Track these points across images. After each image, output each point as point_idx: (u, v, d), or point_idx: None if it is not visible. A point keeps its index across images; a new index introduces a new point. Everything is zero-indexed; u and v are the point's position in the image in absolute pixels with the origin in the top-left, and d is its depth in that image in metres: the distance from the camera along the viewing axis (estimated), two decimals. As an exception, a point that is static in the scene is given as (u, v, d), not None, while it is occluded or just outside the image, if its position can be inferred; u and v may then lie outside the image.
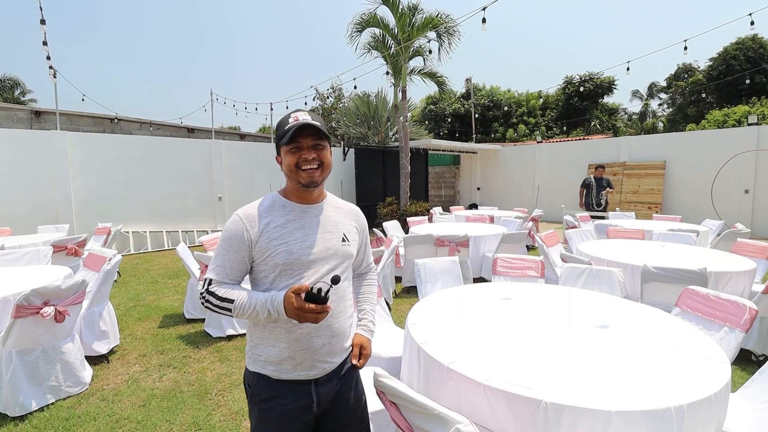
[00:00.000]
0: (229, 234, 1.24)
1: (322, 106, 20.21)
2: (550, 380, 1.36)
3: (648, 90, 31.03)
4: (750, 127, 9.12)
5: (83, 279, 2.78)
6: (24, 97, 22.11)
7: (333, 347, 1.28)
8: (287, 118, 1.24)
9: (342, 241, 1.31)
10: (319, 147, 1.24)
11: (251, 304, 1.17)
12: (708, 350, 1.61)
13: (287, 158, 1.24)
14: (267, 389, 1.25)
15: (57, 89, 8.82)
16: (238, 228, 1.23)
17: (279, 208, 1.27)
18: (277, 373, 1.24)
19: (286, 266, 1.22)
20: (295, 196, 1.30)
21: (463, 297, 2.31)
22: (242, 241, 1.22)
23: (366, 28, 9.67)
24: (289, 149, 1.23)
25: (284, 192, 1.32)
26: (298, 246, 1.23)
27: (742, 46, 20.44)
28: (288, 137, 1.19)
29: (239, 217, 1.24)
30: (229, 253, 1.23)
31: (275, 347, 1.24)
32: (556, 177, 12.77)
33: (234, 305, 1.18)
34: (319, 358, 1.26)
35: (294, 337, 1.23)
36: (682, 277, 2.91)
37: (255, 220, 1.24)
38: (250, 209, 1.26)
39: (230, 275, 1.24)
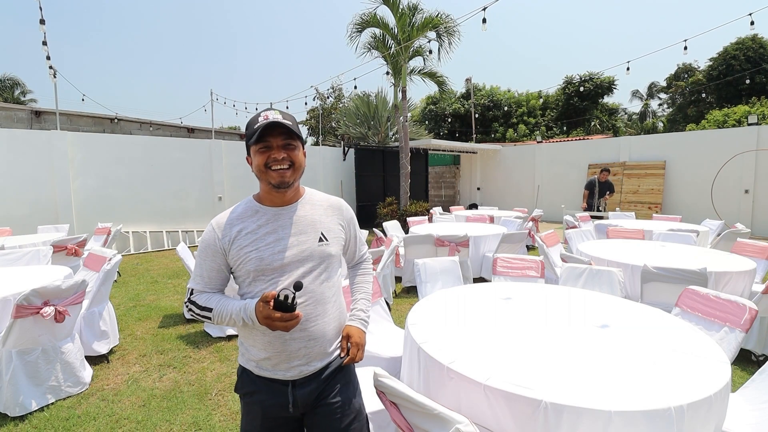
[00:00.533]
0: (204, 244, 1.26)
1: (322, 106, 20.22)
2: (550, 380, 1.36)
3: (648, 90, 31.04)
4: (750, 127, 9.12)
5: (83, 279, 2.78)
6: (24, 97, 22.12)
7: (310, 351, 1.25)
8: (257, 117, 1.20)
9: (319, 241, 1.27)
10: (289, 147, 1.21)
11: (228, 312, 1.19)
12: (708, 350, 1.61)
13: (256, 158, 1.20)
14: (249, 383, 1.28)
15: (57, 89, 8.82)
16: (210, 237, 1.24)
17: (251, 214, 1.25)
18: (258, 370, 1.26)
19: (258, 272, 1.21)
20: (268, 200, 1.27)
21: (463, 297, 2.31)
22: (216, 250, 1.23)
23: (366, 28, 9.67)
24: (258, 149, 1.19)
25: (258, 196, 1.29)
26: (269, 251, 1.20)
27: (742, 46, 20.44)
28: (257, 136, 1.16)
29: (212, 227, 1.25)
30: (205, 262, 1.25)
31: (254, 346, 1.25)
32: (556, 177, 12.77)
33: (212, 313, 1.20)
34: (294, 361, 1.24)
35: (268, 340, 1.22)
36: (682, 277, 2.91)
37: (226, 228, 1.23)
38: (222, 218, 1.26)
39: (209, 284, 1.26)
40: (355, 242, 1.47)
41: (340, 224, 1.36)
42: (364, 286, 1.50)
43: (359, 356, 1.33)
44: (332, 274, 1.32)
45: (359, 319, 1.39)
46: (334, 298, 1.31)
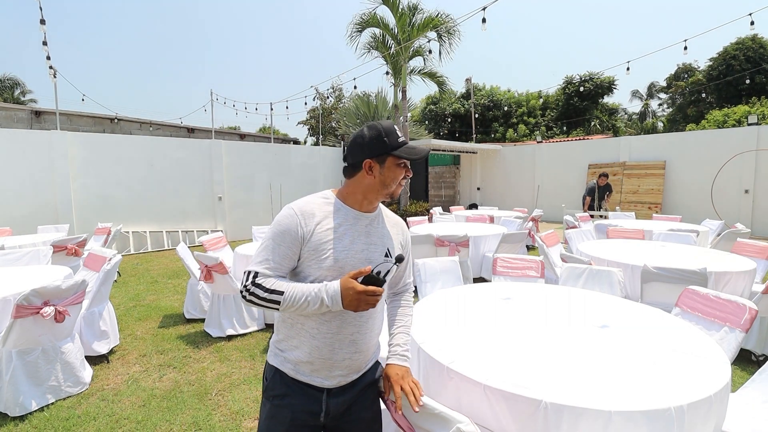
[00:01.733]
0: (283, 228, 1.17)
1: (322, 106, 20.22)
2: (550, 380, 1.36)
3: (648, 90, 31.05)
4: (750, 127, 9.12)
5: (83, 279, 2.78)
6: (24, 97, 22.13)
7: (354, 362, 1.24)
8: (393, 129, 1.22)
9: (384, 255, 1.26)
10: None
11: (303, 294, 1.12)
12: (708, 350, 1.61)
13: (395, 171, 1.22)
14: (281, 386, 1.24)
15: (57, 89, 8.83)
16: (291, 222, 1.17)
17: (332, 210, 1.23)
18: (293, 373, 1.23)
19: (330, 271, 1.18)
20: (356, 202, 1.25)
21: (463, 297, 2.31)
22: (295, 237, 1.17)
23: (366, 28, 9.68)
24: (401, 163, 1.22)
25: (341, 194, 1.26)
26: (344, 253, 1.19)
27: (742, 46, 20.45)
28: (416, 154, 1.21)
29: (294, 212, 1.18)
30: (280, 247, 1.17)
31: (297, 348, 1.22)
32: (556, 177, 12.77)
33: (284, 296, 1.12)
34: (336, 370, 1.22)
35: (316, 344, 1.20)
36: (682, 277, 2.91)
37: (310, 216, 1.19)
38: (305, 205, 1.21)
39: (277, 270, 1.17)
40: (405, 267, 1.43)
41: (401, 243, 1.36)
42: (405, 319, 1.42)
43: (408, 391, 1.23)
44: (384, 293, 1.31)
45: (398, 355, 1.32)
46: (381, 313, 1.32)
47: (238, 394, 2.75)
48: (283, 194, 10.38)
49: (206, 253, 3.76)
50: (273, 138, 17.28)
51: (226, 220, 9.54)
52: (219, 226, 9.43)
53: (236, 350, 3.45)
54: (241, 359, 3.28)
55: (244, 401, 2.66)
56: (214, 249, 4.75)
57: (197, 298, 4.16)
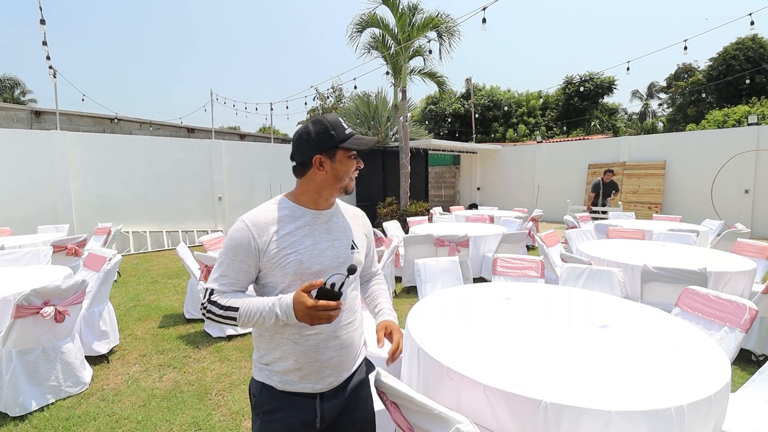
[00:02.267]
0: (235, 242, 1.14)
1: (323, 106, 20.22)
2: (550, 380, 1.36)
3: (648, 90, 31.05)
4: (750, 127, 9.12)
5: (83, 279, 2.78)
6: (24, 97, 22.13)
7: (342, 359, 1.23)
8: (339, 121, 1.21)
9: (351, 249, 1.26)
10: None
11: (257, 309, 1.09)
12: (708, 350, 1.61)
13: (347, 163, 1.21)
14: (271, 400, 1.20)
15: (57, 89, 8.84)
16: (243, 236, 1.14)
17: (288, 214, 1.19)
18: (282, 384, 1.19)
19: (296, 277, 1.15)
20: (310, 202, 1.22)
21: (463, 297, 2.31)
22: (249, 251, 1.14)
23: (366, 28, 9.67)
24: (351, 155, 1.21)
25: (294, 196, 1.24)
26: (308, 255, 1.16)
27: (742, 46, 20.44)
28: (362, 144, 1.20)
29: (245, 225, 1.15)
30: (234, 262, 1.15)
31: (281, 359, 1.19)
32: (556, 177, 12.78)
33: (239, 313, 1.10)
34: (326, 371, 1.21)
35: (301, 350, 1.17)
36: (682, 277, 2.91)
37: (263, 227, 1.15)
38: (257, 216, 1.17)
39: (234, 285, 1.16)
40: (373, 254, 1.48)
41: (364, 234, 1.37)
42: (382, 287, 1.49)
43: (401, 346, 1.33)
44: (359, 283, 1.35)
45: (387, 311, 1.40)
46: (357, 305, 1.31)
47: (238, 394, 2.75)
48: (283, 194, 10.37)
49: (206, 253, 3.77)
50: (273, 138, 17.28)
51: (226, 220, 9.54)
52: (219, 226, 9.43)
53: (236, 350, 3.45)
54: (241, 359, 3.28)
55: (244, 401, 2.66)
56: (214, 249, 4.75)
57: (197, 298, 4.16)
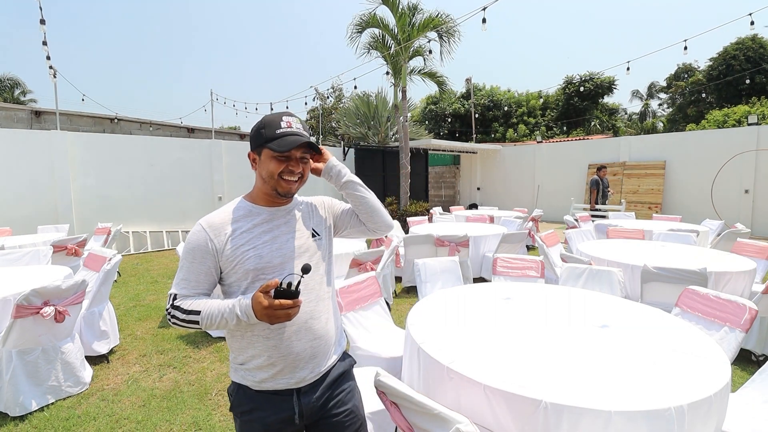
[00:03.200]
0: (192, 245, 1.16)
1: (322, 106, 20.23)
2: (550, 380, 1.36)
3: (648, 90, 31.05)
4: (750, 127, 9.12)
5: (83, 279, 2.78)
6: (24, 97, 22.12)
7: (315, 351, 1.21)
8: (278, 120, 1.17)
9: (312, 237, 1.26)
10: (304, 161, 1.22)
11: (219, 311, 1.09)
12: (708, 350, 1.61)
13: (271, 164, 1.17)
14: (247, 401, 1.20)
15: (57, 89, 8.83)
16: (200, 238, 1.16)
17: (245, 214, 1.21)
18: (257, 384, 1.19)
19: (257, 272, 1.15)
20: (264, 200, 1.24)
21: (463, 297, 2.31)
22: (206, 252, 1.15)
23: (366, 29, 9.67)
24: (276, 156, 1.16)
25: (251, 196, 1.26)
26: (267, 249, 1.17)
27: (742, 46, 20.43)
28: (286, 146, 1.14)
29: (201, 227, 1.17)
30: (193, 265, 1.16)
31: (254, 357, 1.18)
32: (556, 177, 12.78)
33: (201, 316, 1.10)
34: (300, 364, 1.18)
35: (273, 344, 1.16)
36: (682, 277, 2.91)
37: (218, 228, 1.17)
38: (213, 217, 1.20)
39: (197, 288, 1.16)
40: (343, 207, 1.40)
41: (324, 213, 1.35)
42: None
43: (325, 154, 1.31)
44: (328, 271, 1.31)
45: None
46: (330, 294, 1.30)
47: (238, 394, 2.75)
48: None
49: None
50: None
51: (226, 220, 9.53)
52: (219, 226, 9.42)
53: (236, 350, 3.45)
54: (241, 359, 3.28)
55: (244, 401, 2.66)
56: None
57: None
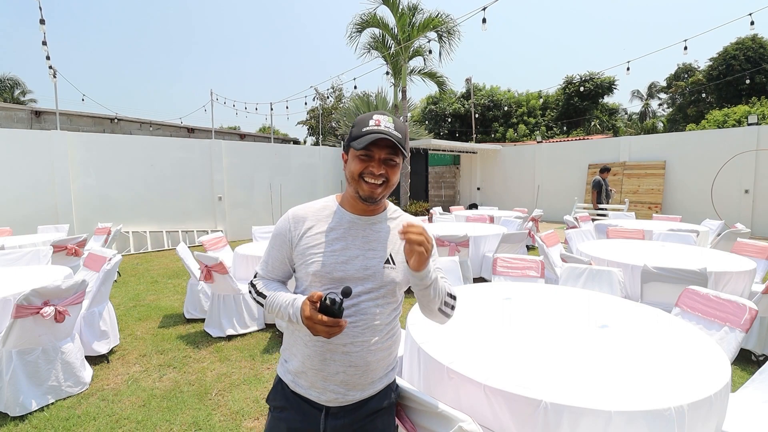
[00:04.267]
0: (276, 231, 1.21)
1: (322, 106, 20.23)
2: (550, 380, 1.36)
3: (648, 90, 31.07)
4: (750, 127, 9.12)
5: (83, 279, 2.78)
6: (24, 97, 22.13)
7: (349, 378, 1.12)
8: (368, 118, 1.11)
9: (385, 263, 1.14)
10: (390, 163, 1.12)
11: (278, 303, 1.12)
12: (708, 350, 1.61)
13: (353, 164, 1.12)
14: (282, 397, 1.20)
15: (57, 89, 8.83)
16: (283, 227, 1.19)
17: (328, 214, 1.18)
18: (293, 384, 1.17)
19: (316, 277, 1.13)
20: (349, 204, 1.19)
21: (463, 297, 2.31)
22: (284, 241, 1.18)
23: (366, 28, 9.68)
24: (359, 155, 1.10)
25: (341, 197, 1.22)
26: (333, 259, 1.12)
27: (742, 46, 20.45)
28: (363, 143, 1.06)
29: (288, 216, 1.20)
30: (273, 250, 1.21)
31: (294, 357, 1.18)
32: (556, 177, 12.78)
33: (266, 301, 1.15)
34: (330, 386, 1.12)
35: (307, 353, 1.13)
36: (682, 277, 2.91)
37: (301, 221, 1.17)
38: (299, 209, 1.20)
39: (272, 273, 1.22)
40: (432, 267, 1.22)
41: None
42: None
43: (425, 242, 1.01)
44: (392, 300, 1.19)
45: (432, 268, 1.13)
46: (387, 328, 1.18)
47: (238, 394, 2.75)
48: (283, 194, 10.38)
49: (206, 253, 3.76)
50: (273, 138, 17.28)
51: (226, 220, 9.54)
52: (219, 226, 9.43)
53: (236, 350, 3.45)
54: (241, 359, 3.28)
55: (244, 401, 2.66)
56: (214, 249, 4.74)
57: (197, 298, 4.16)
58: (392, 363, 1.24)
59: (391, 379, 1.24)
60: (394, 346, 1.22)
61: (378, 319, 1.14)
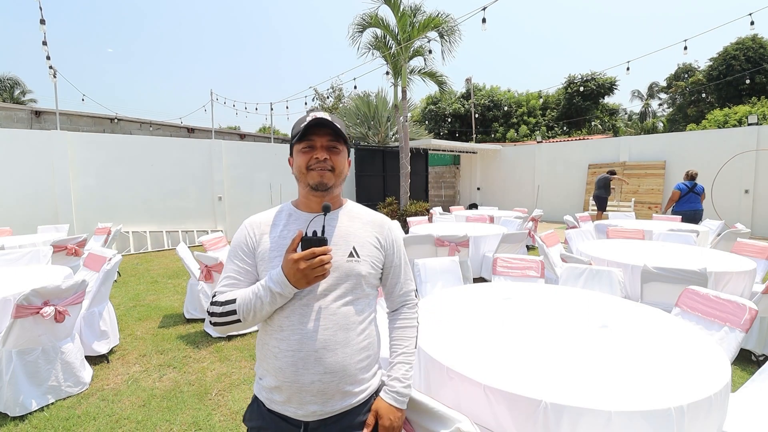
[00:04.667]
0: (235, 242, 1.18)
1: (322, 106, 20.22)
2: (550, 380, 1.36)
3: (648, 90, 31.07)
4: (750, 127, 9.12)
5: (83, 279, 2.78)
6: (24, 97, 22.13)
7: (326, 386, 1.05)
8: (304, 117, 1.15)
9: (348, 256, 1.11)
10: (334, 149, 1.14)
11: (252, 292, 1.04)
12: (708, 350, 1.61)
13: (298, 158, 1.14)
14: (258, 417, 1.14)
15: (57, 89, 8.84)
16: (241, 236, 1.17)
17: (284, 217, 1.17)
18: (268, 402, 1.11)
19: None
20: (304, 204, 1.18)
21: (463, 297, 2.31)
22: (245, 249, 1.15)
23: (367, 28, 9.69)
24: (302, 148, 1.13)
25: (296, 201, 1.23)
26: None
27: (742, 46, 20.44)
28: (301, 133, 1.10)
29: (244, 225, 1.19)
30: (234, 262, 1.15)
31: (266, 374, 1.11)
32: (556, 177, 12.78)
33: (237, 304, 1.05)
34: (307, 397, 1.06)
35: (279, 365, 1.06)
36: (682, 277, 2.90)
37: (257, 226, 1.17)
38: (255, 217, 1.20)
39: (235, 285, 1.12)
40: (397, 271, 1.24)
41: (378, 243, 1.19)
42: (404, 343, 1.22)
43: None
44: (362, 296, 1.14)
45: (393, 392, 1.13)
46: (362, 326, 1.12)
47: (238, 394, 2.75)
48: (283, 194, 10.38)
49: (206, 253, 3.77)
50: (273, 138, 17.28)
51: (226, 220, 9.54)
52: (219, 226, 9.43)
53: (236, 350, 3.45)
54: (241, 359, 3.28)
55: (244, 401, 2.66)
56: (214, 249, 4.75)
57: (197, 298, 4.16)
58: (372, 365, 1.17)
59: (374, 386, 1.17)
60: (372, 347, 1.16)
61: (349, 317, 1.10)
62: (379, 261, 1.19)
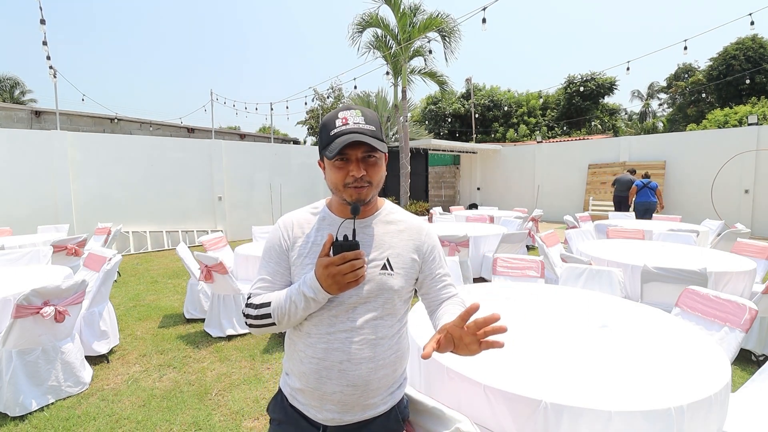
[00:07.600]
0: (269, 243, 1.13)
1: (322, 107, 20.23)
2: (550, 380, 1.36)
3: (648, 90, 31.08)
4: (750, 127, 9.12)
5: (83, 279, 2.78)
6: (24, 97, 22.14)
7: (347, 398, 1.03)
8: (333, 119, 1.01)
9: (381, 269, 1.05)
10: (370, 159, 1.02)
11: (287, 295, 1.01)
12: (708, 350, 1.61)
13: (331, 173, 1.03)
14: (281, 410, 1.14)
15: (57, 89, 8.84)
16: (275, 237, 1.12)
17: (318, 220, 1.11)
18: (291, 398, 1.12)
19: None
20: (337, 209, 1.11)
21: (463, 297, 2.30)
22: (280, 251, 1.10)
23: (367, 29, 9.69)
24: (335, 163, 1.01)
25: (330, 201, 1.15)
26: None
27: (742, 46, 20.45)
28: (334, 150, 0.96)
29: (278, 225, 1.14)
30: (270, 264, 1.10)
31: (292, 372, 1.11)
32: (556, 177, 12.78)
33: (272, 307, 1.02)
34: (327, 405, 1.05)
35: (304, 371, 1.05)
36: (682, 277, 2.90)
37: (291, 227, 1.11)
38: (288, 217, 1.14)
39: (270, 288, 1.09)
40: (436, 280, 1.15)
41: (415, 253, 1.11)
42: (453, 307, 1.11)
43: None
44: (392, 311, 1.08)
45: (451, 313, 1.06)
46: (390, 342, 1.07)
47: (238, 394, 2.75)
48: (283, 194, 10.38)
49: (206, 253, 3.76)
50: (273, 138, 17.28)
51: (226, 220, 9.54)
52: (219, 226, 9.43)
53: (236, 350, 3.45)
54: (241, 359, 3.28)
55: (244, 401, 2.66)
56: (214, 249, 4.74)
57: (197, 298, 4.16)
58: (398, 381, 1.12)
59: (397, 398, 1.12)
60: (400, 362, 1.11)
61: (377, 332, 1.05)
62: (414, 272, 1.12)
